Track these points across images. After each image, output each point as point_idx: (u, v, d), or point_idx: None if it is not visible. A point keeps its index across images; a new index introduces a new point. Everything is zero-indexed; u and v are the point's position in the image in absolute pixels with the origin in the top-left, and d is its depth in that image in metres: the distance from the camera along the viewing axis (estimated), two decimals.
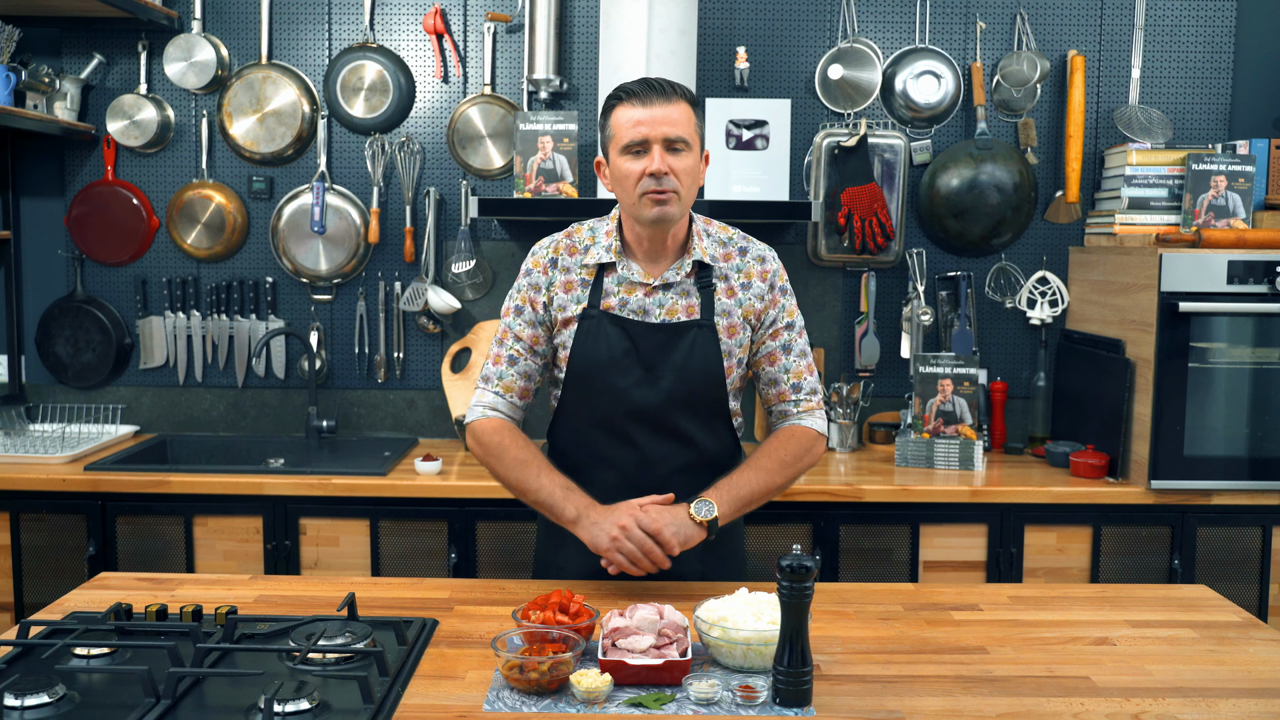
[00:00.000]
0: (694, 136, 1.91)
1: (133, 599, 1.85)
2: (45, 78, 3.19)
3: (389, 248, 3.39)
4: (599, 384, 1.98)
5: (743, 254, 2.03)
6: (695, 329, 1.97)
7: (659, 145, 1.88)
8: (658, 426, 1.99)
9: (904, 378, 3.38)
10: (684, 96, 1.91)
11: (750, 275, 2.01)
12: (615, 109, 1.92)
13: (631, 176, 1.89)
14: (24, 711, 1.41)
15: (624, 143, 1.89)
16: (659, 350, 1.96)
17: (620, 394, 1.97)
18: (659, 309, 1.97)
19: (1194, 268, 2.81)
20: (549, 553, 2.12)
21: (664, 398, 1.97)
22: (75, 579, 2.69)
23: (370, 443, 3.33)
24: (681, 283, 1.98)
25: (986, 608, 1.93)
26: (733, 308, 1.99)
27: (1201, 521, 2.88)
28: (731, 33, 3.34)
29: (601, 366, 1.97)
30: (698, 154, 1.94)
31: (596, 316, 1.97)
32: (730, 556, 2.13)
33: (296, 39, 3.36)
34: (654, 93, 1.89)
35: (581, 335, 1.98)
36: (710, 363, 1.97)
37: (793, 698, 1.49)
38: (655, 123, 1.87)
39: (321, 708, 1.44)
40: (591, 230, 2.04)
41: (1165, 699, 1.55)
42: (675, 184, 1.88)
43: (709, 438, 2.03)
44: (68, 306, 3.39)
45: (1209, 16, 3.35)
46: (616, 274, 1.98)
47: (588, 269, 1.99)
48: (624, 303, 1.97)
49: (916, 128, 3.37)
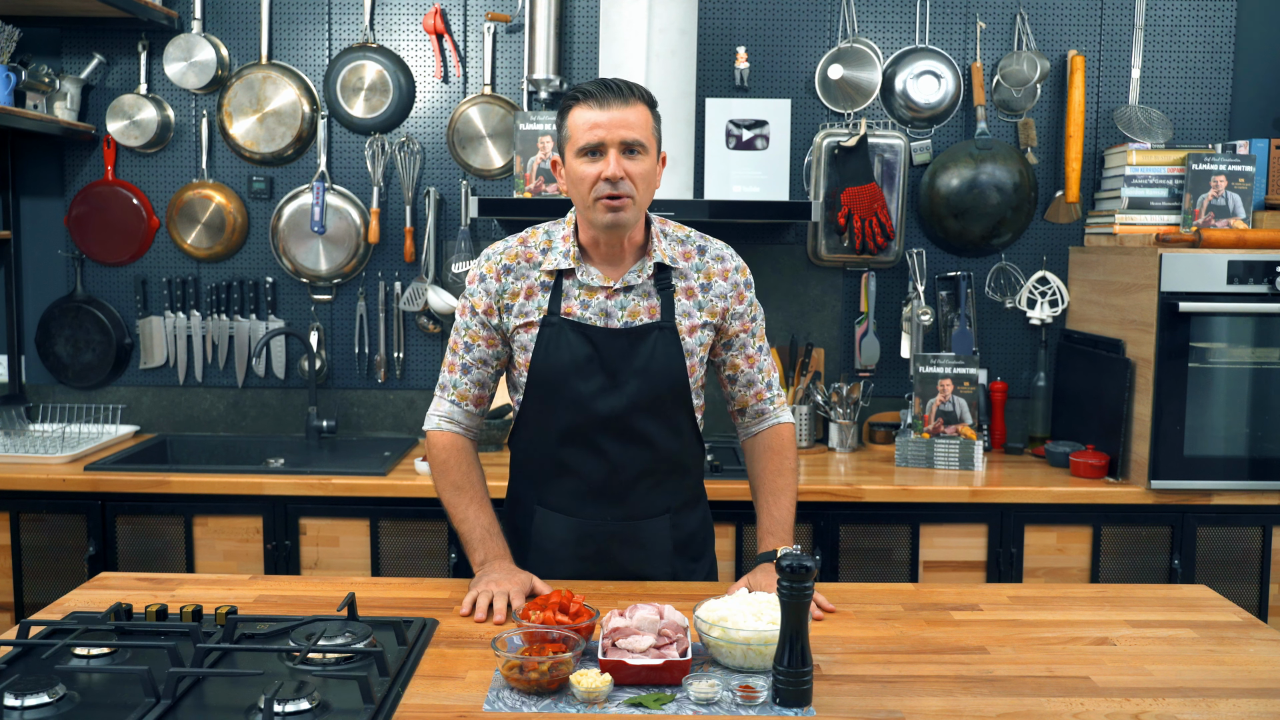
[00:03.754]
0: (651, 139, 1.88)
1: (133, 599, 1.85)
2: (45, 78, 3.19)
3: (389, 248, 3.39)
4: (562, 392, 1.95)
5: (701, 253, 2.00)
6: (656, 331, 1.94)
7: (615, 149, 1.83)
8: (622, 432, 1.96)
9: (904, 378, 3.38)
10: (641, 98, 1.88)
11: (710, 275, 1.99)
12: (572, 110, 1.87)
13: (587, 180, 1.85)
14: (24, 711, 1.41)
15: (579, 145, 1.85)
16: (621, 356, 1.93)
17: (584, 401, 1.94)
18: (621, 311, 1.94)
19: (1194, 268, 2.81)
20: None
21: (628, 403, 1.94)
22: (75, 579, 2.69)
23: (370, 443, 3.33)
24: (643, 284, 1.95)
25: (986, 608, 1.92)
26: (692, 308, 1.97)
27: (1201, 521, 2.88)
28: (731, 33, 3.34)
29: (564, 374, 1.93)
30: (654, 157, 1.90)
31: (557, 324, 1.94)
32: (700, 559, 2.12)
33: (296, 39, 3.36)
34: (611, 94, 1.84)
35: (542, 343, 1.94)
36: (673, 364, 1.95)
37: (793, 698, 1.49)
38: (612, 126, 1.83)
39: (321, 708, 1.44)
40: (548, 234, 1.99)
41: (1165, 699, 1.55)
42: (630, 188, 1.84)
43: (673, 438, 2.00)
44: (68, 306, 3.39)
45: (1209, 16, 3.35)
46: (576, 278, 1.95)
47: (547, 273, 1.95)
48: (585, 305, 1.94)
49: (916, 128, 3.37)
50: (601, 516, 2.00)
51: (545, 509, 2.03)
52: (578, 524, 2.01)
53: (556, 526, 2.03)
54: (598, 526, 2.01)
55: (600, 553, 2.02)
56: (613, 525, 2.01)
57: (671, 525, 2.04)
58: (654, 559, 2.03)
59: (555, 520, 2.03)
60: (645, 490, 2.00)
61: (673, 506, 2.04)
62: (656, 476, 2.00)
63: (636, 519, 2.01)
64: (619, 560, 2.02)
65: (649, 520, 2.02)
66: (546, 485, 2.02)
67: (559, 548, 2.03)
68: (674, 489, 2.04)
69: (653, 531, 2.03)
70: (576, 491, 2.00)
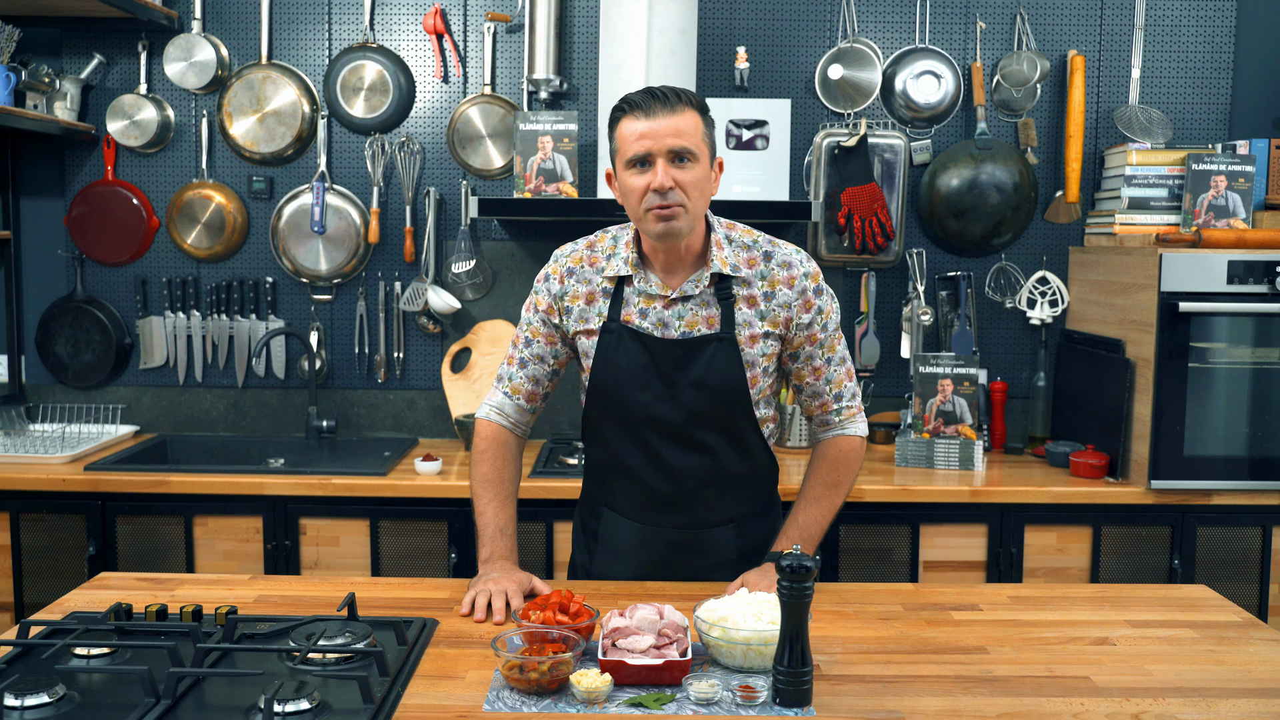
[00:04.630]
0: (702, 146, 1.83)
1: (133, 599, 1.85)
2: (45, 78, 3.19)
3: (389, 248, 3.39)
4: (620, 397, 1.95)
5: (767, 259, 1.93)
6: (715, 343, 1.91)
7: (663, 158, 1.80)
8: (680, 440, 1.95)
9: (904, 378, 3.38)
10: (691, 104, 1.83)
11: (775, 283, 1.92)
12: (620, 121, 1.84)
13: (636, 191, 1.83)
14: (24, 711, 1.41)
15: (628, 156, 1.82)
16: (677, 365, 1.92)
17: (641, 408, 1.94)
18: (678, 321, 1.92)
19: (1194, 268, 2.81)
20: (581, 558, 2.13)
21: (684, 412, 1.93)
22: (75, 579, 2.69)
23: (370, 443, 3.33)
24: (701, 294, 1.92)
25: (986, 608, 1.92)
26: (754, 318, 1.92)
27: (1201, 521, 2.88)
28: (731, 33, 3.34)
29: (621, 380, 1.94)
30: (707, 164, 1.85)
31: (616, 330, 1.93)
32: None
33: (296, 39, 3.35)
34: (657, 103, 1.80)
35: (602, 349, 1.95)
36: (731, 376, 1.92)
37: (793, 698, 1.49)
38: (659, 135, 1.79)
39: (321, 708, 1.44)
40: (615, 239, 1.98)
41: (1165, 699, 1.55)
42: (681, 198, 1.81)
43: (734, 450, 1.98)
44: (68, 306, 3.39)
45: (1209, 16, 3.35)
46: (635, 285, 1.93)
47: (608, 279, 1.95)
48: (644, 314, 1.93)
49: (916, 128, 3.37)
50: (664, 524, 2.00)
51: (611, 512, 2.05)
52: (640, 529, 2.02)
53: (621, 530, 2.04)
54: (660, 533, 2.01)
55: (663, 559, 2.02)
56: (675, 533, 2.00)
57: (736, 534, 2.03)
58: (718, 567, 2.01)
59: (620, 524, 2.04)
60: (709, 499, 1.99)
61: (738, 516, 2.03)
62: (720, 486, 1.99)
63: (700, 528, 2.01)
64: (682, 567, 2.01)
65: (713, 529, 2.01)
66: (611, 489, 2.03)
67: (624, 551, 2.04)
68: (740, 499, 2.02)
69: (717, 540, 2.02)
70: (639, 497, 2.00)
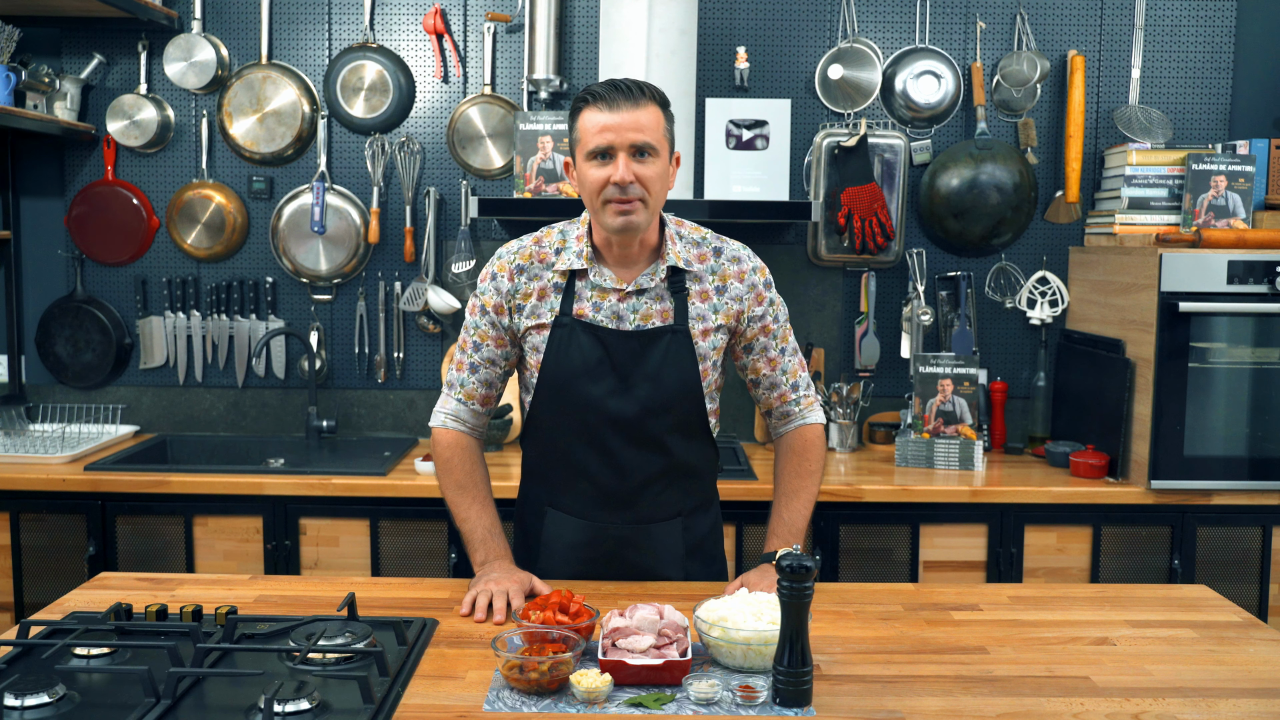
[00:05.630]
0: (662, 141, 1.85)
1: (133, 599, 1.85)
2: (45, 78, 3.19)
3: (389, 248, 3.39)
4: (572, 393, 1.93)
5: (717, 254, 1.96)
6: (669, 335, 1.91)
7: (624, 152, 1.81)
8: (633, 435, 1.94)
9: (904, 378, 3.38)
10: (653, 99, 1.84)
11: (726, 278, 1.95)
12: (582, 112, 1.84)
13: (596, 183, 1.83)
14: (24, 711, 1.41)
15: (589, 148, 1.82)
16: (633, 359, 1.91)
17: (594, 403, 1.92)
18: (633, 314, 1.92)
19: (1194, 268, 2.81)
20: (522, 560, 2.09)
21: (639, 406, 1.92)
22: (75, 579, 2.69)
23: (370, 443, 3.33)
24: (656, 287, 1.93)
25: (986, 608, 1.92)
26: (707, 311, 1.94)
27: (1201, 521, 2.88)
28: (731, 33, 3.34)
29: (574, 375, 1.92)
30: (666, 159, 1.87)
31: (569, 324, 1.92)
32: (712, 562, 2.11)
33: (296, 39, 3.36)
34: (621, 96, 1.81)
35: (554, 343, 1.93)
36: (685, 369, 1.92)
37: (793, 698, 1.49)
38: (621, 129, 1.80)
39: (321, 708, 1.44)
40: (562, 234, 1.96)
41: (1165, 699, 1.55)
42: (641, 192, 1.82)
43: (685, 444, 1.98)
44: (68, 306, 3.39)
45: (1209, 16, 3.35)
46: (589, 279, 1.93)
47: (560, 274, 1.93)
48: (597, 307, 1.92)
49: (916, 128, 3.37)
50: (612, 520, 1.99)
51: (556, 511, 2.03)
52: (588, 526, 2.00)
53: (567, 529, 2.02)
54: (608, 530, 2.00)
55: (611, 556, 2.01)
56: (624, 529, 2.00)
57: (684, 529, 2.03)
58: (666, 563, 2.02)
59: (566, 522, 2.02)
60: (657, 493, 1.99)
61: (685, 510, 2.03)
62: (669, 480, 1.99)
63: (648, 522, 2.00)
64: (630, 563, 2.01)
65: (661, 524, 2.01)
66: (557, 487, 2.02)
67: (569, 550, 2.02)
68: (686, 492, 2.02)
69: (664, 535, 2.02)
70: (587, 494, 1.99)
